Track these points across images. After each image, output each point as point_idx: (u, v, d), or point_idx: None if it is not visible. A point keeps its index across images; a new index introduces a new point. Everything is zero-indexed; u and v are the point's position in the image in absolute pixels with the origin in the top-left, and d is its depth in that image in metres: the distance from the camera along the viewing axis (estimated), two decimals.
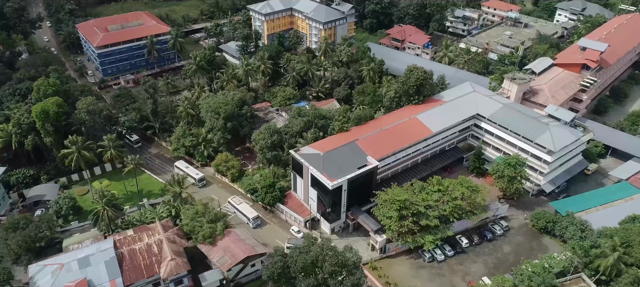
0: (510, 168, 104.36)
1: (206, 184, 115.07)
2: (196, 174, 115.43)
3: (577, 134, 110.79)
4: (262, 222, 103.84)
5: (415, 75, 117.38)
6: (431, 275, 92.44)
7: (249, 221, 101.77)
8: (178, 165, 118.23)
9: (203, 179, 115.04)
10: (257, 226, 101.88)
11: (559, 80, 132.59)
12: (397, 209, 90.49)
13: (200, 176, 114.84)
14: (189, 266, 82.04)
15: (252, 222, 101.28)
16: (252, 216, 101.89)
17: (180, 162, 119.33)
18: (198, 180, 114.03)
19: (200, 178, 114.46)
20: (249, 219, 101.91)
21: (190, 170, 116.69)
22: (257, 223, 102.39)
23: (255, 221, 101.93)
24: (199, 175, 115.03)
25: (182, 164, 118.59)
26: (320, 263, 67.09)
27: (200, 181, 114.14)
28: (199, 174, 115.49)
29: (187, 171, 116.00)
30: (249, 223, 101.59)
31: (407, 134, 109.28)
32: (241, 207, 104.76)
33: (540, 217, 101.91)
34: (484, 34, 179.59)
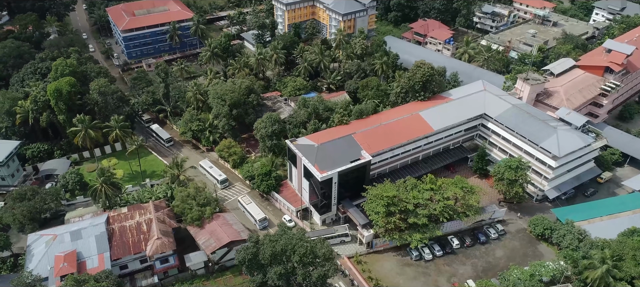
0: (510, 171, 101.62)
1: (229, 186, 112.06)
2: (219, 175, 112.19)
3: (587, 139, 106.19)
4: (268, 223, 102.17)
5: (422, 71, 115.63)
6: (416, 273, 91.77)
7: (255, 222, 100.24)
8: (203, 164, 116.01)
9: (226, 181, 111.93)
10: (263, 227, 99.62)
11: (578, 83, 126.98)
12: (385, 205, 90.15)
13: (223, 178, 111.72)
14: (174, 246, 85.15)
15: (258, 223, 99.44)
16: (258, 218, 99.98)
17: (205, 162, 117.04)
18: (220, 182, 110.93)
19: (222, 179, 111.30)
20: (255, 220, 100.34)
21: (213, 170, 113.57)
22: (264, 225, 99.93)
23: (262, 223, 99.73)
24: (221, 176, 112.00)
25: (206, 164, 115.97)
26: (289, 252, 68.15)
27: (222, 183, 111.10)
28: (222, 175, 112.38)
29: (210, 171, 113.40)
30: (256, 224, 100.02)
31: (406, 130, 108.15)
32: (249, 207, 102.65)
33: (538, 224, 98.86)
34: (508, 31, 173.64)
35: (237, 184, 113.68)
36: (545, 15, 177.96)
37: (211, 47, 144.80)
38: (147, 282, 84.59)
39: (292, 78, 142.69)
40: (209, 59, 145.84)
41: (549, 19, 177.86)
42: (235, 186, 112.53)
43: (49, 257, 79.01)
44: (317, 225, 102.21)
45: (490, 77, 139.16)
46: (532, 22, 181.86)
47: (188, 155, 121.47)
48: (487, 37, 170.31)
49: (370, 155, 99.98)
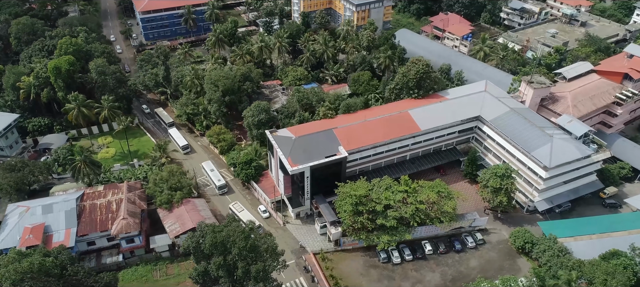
0: (495, 179, 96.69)
1: (227, 192, 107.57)
2: (219, 180, 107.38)
3: (585, 151, 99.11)
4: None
5: (416, 68, 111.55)
6: (381, 276, 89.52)
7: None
8: (204, 165, 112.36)
9: (224, 187, 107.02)
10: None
11: (590, 89, 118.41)
12: (353, 204, 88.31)
13: (222, 183, 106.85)
14: (139, 227, 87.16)
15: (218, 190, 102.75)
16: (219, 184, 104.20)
17: (207, 163, 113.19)
18: (218, 187, 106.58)
19: (220, 185, 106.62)
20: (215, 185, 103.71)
21: (214, 174, 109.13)
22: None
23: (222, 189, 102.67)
24: (220, 181, 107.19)
25: (208, 166, 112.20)
26: (229, 244, 68.08)
27: (219, 188, 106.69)
28: (221, 180, 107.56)
29: (210, 174, 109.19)
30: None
31: (391, 128, 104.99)
32: (242, 215, 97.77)
33: (519, 236, 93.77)
34: (529, 30, 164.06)
35: (222, 170, 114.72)
36: (573, 14, 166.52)
37: (216, 32, 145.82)
38: (112, 259, 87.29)
39: (293, 67, 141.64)
40: (214, 44, 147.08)
41: (576, 18, 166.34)
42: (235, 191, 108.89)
43: (20, 228, 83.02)
44: (291, 218, 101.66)
45: (502, 78, 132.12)
46: (558, 21, 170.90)
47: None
48: (505, 35, 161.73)
49: (347, 151, 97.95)
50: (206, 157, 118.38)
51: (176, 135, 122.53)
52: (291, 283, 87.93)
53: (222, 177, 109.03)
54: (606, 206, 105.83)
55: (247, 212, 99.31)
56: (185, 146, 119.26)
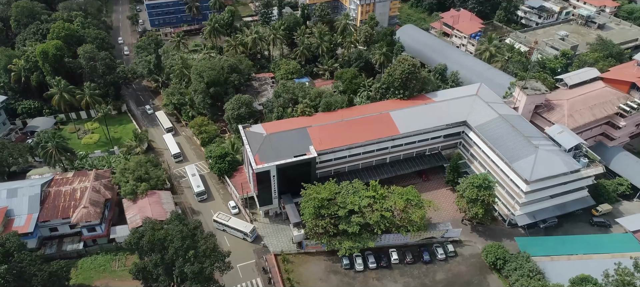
0: (472, 189, 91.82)
1: (206, 199, 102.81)
2: (197, 187, 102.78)
3: (573, 165, 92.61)
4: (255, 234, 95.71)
5: (402, 67, 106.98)
6: (340, 283, 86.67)
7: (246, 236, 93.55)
8: (188, 169, 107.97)
9: (203, 194, 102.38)
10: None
11: (591, 98, 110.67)
12: (316, 207, 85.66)
13: (200, 190, 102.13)
14: (99, 216, 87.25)
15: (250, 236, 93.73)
16: (248, 230, 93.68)
17: (190, 167, 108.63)
18: (196, 194, 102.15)
19: (199, 192, 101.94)
20: (245, 233, 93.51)
21: (195, 178, 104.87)
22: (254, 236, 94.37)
23: (253, 234, 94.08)
24: (199, 188, 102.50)
25: (191, 170, 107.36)
26: (167, 243, 66.92)
27: (198, 196, 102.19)
28: (199, 187, 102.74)
29: (191, 178, 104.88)
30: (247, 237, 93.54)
31: (368, 129, 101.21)
32: (231, 223, 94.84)
33: (491, 251, 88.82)
34: (540, 30, 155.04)
35: (201, 162, 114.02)
36: (590, 16, 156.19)
37: (212, 21, 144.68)
38: (73, 247, 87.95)
39: (286, 60, 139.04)
40: (210, 33, 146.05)
41: (593, 20, 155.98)
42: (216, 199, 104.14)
43: None
44: (260, 216, 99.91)
45: (504, 81, 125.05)
46: (574, 22, 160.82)
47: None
48: (513, 35, 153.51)
49: (318, 152, 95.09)
50: (196, 161, 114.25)
51: (170, 142, 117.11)
52: (247, 283, 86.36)
53: (202, 183, 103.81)
54: (593, 225, 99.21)
55: (235, 220, 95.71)
56: (177, 154, 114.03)
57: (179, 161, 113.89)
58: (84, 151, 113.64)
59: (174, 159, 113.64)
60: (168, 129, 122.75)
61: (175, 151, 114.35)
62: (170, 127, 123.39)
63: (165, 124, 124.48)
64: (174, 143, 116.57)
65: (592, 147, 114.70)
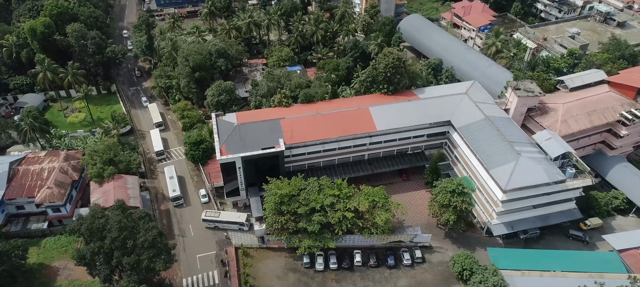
0: (445, 194, 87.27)
1: (181, 205, 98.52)
2: (173, 191, 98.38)
3: (555, 175, 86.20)
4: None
5: (386, 61, 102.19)
6: (297, 282, 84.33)
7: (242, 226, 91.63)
8: (166, 171, 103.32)
9: (178, 199, 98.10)
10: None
11: (590, 103, 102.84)
12: (276, 203, 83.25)
13: (176, 195, 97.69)
14: (63, 197, 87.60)
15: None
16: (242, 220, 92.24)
17: (169, 168, 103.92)
18: (171, 199, 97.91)
19: (174, 197, 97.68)
20: (241, 224, 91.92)
21: (172, 181, 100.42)
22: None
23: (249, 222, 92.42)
24: (174, 193, 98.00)
25: (169, 172, 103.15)
26: (105, 232, 66.06)
27: (173, 200, 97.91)
28: (175, 191, 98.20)
29: (168, 181, 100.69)
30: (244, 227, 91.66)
31: (344, 124, 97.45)
32: (223, 217, 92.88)
33: (458, 260, 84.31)
34: (552, 26, 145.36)
35: (180, 147, 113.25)
36: (610, 13, 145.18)
37: (209, 4, 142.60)
38: (37, 226, 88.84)
39: (280, 47, 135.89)
40: (206, 16, 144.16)
41: (613, 17, 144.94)
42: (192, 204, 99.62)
43: None
44: (229, 206, 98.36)
45: (505, 79, 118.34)
46: (592, 18, 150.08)
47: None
48: (522, 30, 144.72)
49: (288, 145, 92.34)
50: (188, 180, 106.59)
51: (155, 138, 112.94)
52: (204, 275, 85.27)
53: (178, 188, 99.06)
54: (569, 237, 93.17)
55: (225, 213, 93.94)
56: (159, 151, 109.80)
57: (162, 159, 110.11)
58: (69, 129, 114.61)
59: (156, 156, 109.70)
60: (157, 124, 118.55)
61: (158, 148, 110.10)
62: (159, 123, 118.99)
63: (155, 118, 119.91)
64: (159, 140, 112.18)
65: (590, 155, 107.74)
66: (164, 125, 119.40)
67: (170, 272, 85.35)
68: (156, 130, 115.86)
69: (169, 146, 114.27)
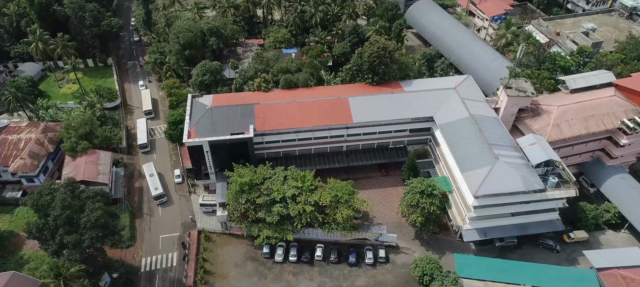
0: (413, 194, 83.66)
1: (165, 202, 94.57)
2: (155, 189, 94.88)
3: (533, 184, 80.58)
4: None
5: (370, 50, 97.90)
6: (254, 271, 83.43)
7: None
8: (145, 168, 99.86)
9: (162, 197, 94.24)
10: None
11: (590, 107, 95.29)
12: (237, 191, 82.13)
13: (158, 193, 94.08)
14: (36, 169, 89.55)
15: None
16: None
17: (148, 166, 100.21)
18: (154, 197, 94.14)
19: (157, 195, 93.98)
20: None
21: (152, 179, 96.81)
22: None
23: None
24: (157, 191, 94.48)
25: (149, 169, 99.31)
26: (50, 210, 66.79)
27: (157, 199, 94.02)
28: (157, 189, 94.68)
29: (149, 179, 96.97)
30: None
31: (321, 114, 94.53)
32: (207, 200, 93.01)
33: (420, 265, 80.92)
34: (570, 20, 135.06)
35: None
36: (636, 8, 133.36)
37: None
38: (12, 195, 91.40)
39: (277, 29, 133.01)
40: None
41: (639, 13, 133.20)
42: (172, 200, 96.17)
43: None
44: (201, 189, 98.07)
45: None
46: (616, 13, 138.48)
47: (150, 86, 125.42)
48: (535, 22, 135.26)
49: (258, 132, 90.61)
50: (166, 159, 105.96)
51: (141, 128, 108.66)
52: (164, 256, 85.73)
53: (160, 185, 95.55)
54: (539, 245, 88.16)
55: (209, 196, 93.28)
56: (143, 144, 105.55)
57: (146, 152, 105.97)
58: (61, 101, 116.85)
59: (140, 149, 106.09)
60: (146, 112, 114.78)
61: (142, 141, 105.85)
62: (149, 111, 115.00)
63: (145, 105, 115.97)
64: (144, 131, 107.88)
65: (587, 163, 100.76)
66: (153, 113, 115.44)
67: (131, 250, 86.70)
68: (143, 119, 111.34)
69: (154, 135, 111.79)
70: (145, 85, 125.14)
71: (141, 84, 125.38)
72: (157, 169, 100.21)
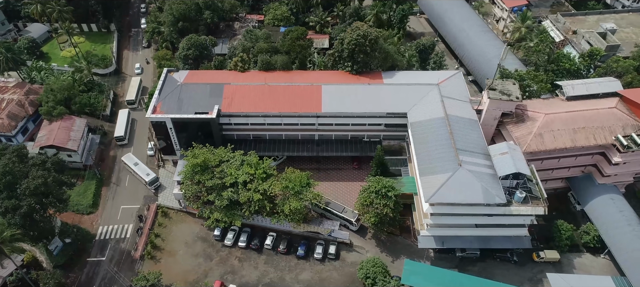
0: (367, 193, 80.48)
1: (159, 187, 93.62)
2: (147, 175, 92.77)
3: (493, 197, 74.75)
4: None
5: (350, 36, 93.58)
6: (201, 253, 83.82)
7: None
8: (125, 160, 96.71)
9: (155, 181, 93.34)
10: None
11: (582, 118, 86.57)
12: (190, 172, 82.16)
13: (152, 177, 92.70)
14: (12, 129, 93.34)
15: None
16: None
17: (128, 156, 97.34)
18: (148, 182, 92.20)
19: (151, 180, 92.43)
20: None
21: (139, 168, 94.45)
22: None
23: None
24: (150, 176, 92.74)
25: (130, 159, 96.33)
26: None
27: (151, 184, 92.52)
28: (150, 174, 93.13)
29: (135, 169, 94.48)
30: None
31: (291, 100, 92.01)
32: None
33: (365, 266, 78.13)
34: (593, 17, 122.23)
35: None
36: None
37: None
38: None
39: (277, 5, 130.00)
40: None
41: None
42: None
43: None
44: (170, 164, 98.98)
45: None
46: None
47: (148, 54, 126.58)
48: (553, 17, 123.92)
49: (222, 113, 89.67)
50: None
51: (121, 120, 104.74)
52: (119, 226, 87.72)
53: (150, 170, 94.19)
54: (495, 259, 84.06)
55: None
56: (120, 137, 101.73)
57: (123, 145, 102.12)
58: (60, 63, 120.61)
59: (116, 141, 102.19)
60: (129, 102, 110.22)
61: (119, 132, 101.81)
62: (131, 101, 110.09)
63: (129, 94, 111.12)
64: (123, 122, 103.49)
65: (577, 178, 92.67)
66: (136, 104, 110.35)
67: (92, 217, 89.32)
68: (125, 110, 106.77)
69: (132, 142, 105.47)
70: (141, 68, 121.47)
71: (137, 67, 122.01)
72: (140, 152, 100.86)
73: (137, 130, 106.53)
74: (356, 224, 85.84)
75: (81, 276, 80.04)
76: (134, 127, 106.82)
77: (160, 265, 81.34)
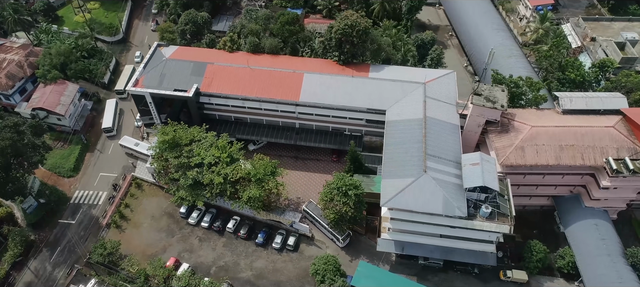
0: (330, 189, 78.91)
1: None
2: (148, 149, 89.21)
3: (454, 209, 71.28)
4: None
5: (338, 25, 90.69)
6: (164, 228, 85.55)
7: None
8: (123, 143, 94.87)
9: None
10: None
11: (571, 135, 79.98)
12: (159, 148, 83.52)
13: None
14: (9, 88, 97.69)
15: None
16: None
17: (125, 139, 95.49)
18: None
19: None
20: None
21: (140, 148, 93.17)
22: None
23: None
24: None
25: (129, 141, 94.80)
26: None
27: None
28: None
29: (136, 149, 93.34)
30: None
31: (271, 85, 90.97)
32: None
33: (317, 262, 76.91)
34: (619, 24, 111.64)
35: None
36: None
37: None
38: None
39: None
40: None
41: None
42: None
43: None
44: (153, 136, 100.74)
45: (524, 76, 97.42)
46: None
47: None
48: (573, 21, 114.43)
49: (201, 92, 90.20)
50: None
51: (109, 110, 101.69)
52: (94, 192, 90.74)
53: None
54: (423, 268, 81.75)
55: None
56: (107, 129, 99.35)
57: (111, 137, 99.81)
58: (72, 27, 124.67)
59: (104, 133, 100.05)
60: (118, 92, 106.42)
61: (107, 124, 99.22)
62: (120, 91, 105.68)
63: (120, 84, 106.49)
64: (111, 113, 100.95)
65: (563, 197, 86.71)
66: (126, 94, 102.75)
67: (71, 180, 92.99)
68: (113, 100, 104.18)
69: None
70: (142, 56, 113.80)
71: (137, 55, 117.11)
72: None
73: (126, 121, 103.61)
74: (343, 242, 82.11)
75: (50, 235, 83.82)
76: (123, 119, 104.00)
77: (124, 235, 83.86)
